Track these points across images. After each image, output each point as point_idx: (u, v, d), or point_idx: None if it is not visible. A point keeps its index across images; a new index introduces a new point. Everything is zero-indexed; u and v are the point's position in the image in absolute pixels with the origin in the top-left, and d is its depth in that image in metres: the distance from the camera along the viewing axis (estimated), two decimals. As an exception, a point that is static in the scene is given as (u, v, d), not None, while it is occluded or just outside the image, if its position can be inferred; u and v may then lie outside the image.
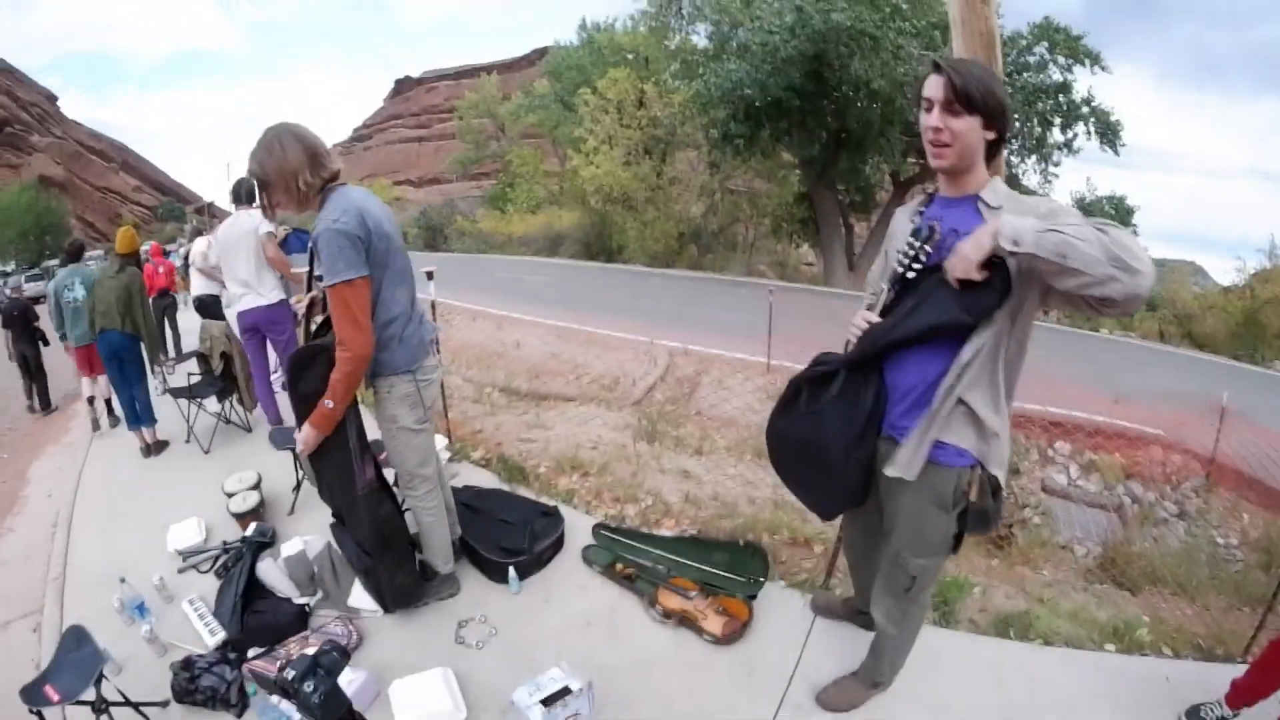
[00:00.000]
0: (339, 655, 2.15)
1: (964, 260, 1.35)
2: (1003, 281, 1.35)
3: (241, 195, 4.32)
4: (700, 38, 17.05)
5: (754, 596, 2.48)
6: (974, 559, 2.87)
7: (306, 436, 2.13)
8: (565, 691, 1.91)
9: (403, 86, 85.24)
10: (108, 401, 5.43)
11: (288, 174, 1.99)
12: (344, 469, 2.26)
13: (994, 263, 1.34)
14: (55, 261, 30.95)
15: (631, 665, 2.28)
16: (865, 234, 17.18)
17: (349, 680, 2.16)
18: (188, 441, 4.79)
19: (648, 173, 18.72)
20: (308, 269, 2.28)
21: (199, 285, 5.94)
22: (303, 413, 2.17)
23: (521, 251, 22.62)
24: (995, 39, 2.08)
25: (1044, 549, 3.08)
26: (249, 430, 4.95)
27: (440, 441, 3.88)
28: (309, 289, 2.35)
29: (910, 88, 10.97)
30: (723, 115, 13.60)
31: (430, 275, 4.07)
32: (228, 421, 4.98)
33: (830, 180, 15.16)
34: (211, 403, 4.97)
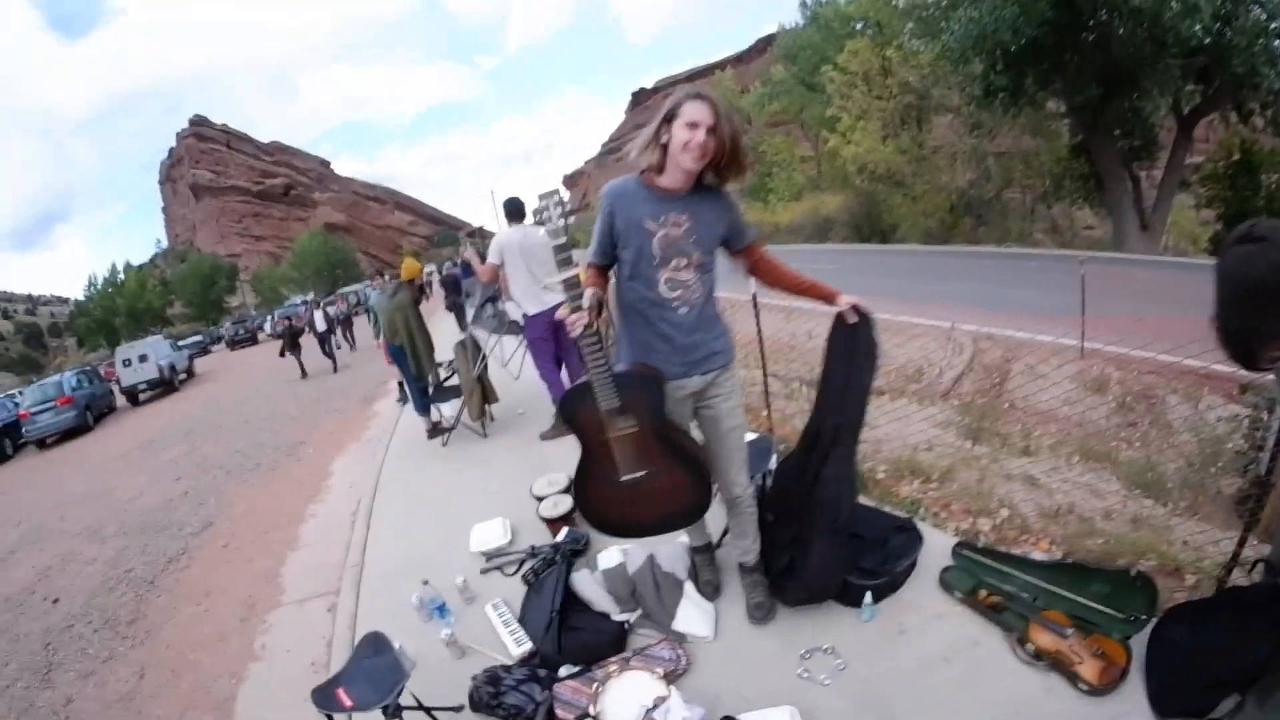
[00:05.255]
0: None
1: None
2: None
3: (514, 212, 4.51)
4: (927, -10, 15.38)
5: (1129, 636, 1.98)
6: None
7: None
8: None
9: (640, 98, 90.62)
10: (400, 384, 6.79)
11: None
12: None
13: None
14: (356, 286, 38.53)
15: (996, 715, 1.86)
16: (1154, 186, 13.85)
17: (682, 717, 2.03)
18: (445, 444, 5.24)
19: (908, 144, 17.41)
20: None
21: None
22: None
23: (790, 240, 22.06)
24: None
25: None
26: (484, 436, 5.20)
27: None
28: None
29: None
30: (980, 68, 12.00)
31: None
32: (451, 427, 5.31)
33: (1106, 126, 12.60)
34: (448, 407, 5.53)
